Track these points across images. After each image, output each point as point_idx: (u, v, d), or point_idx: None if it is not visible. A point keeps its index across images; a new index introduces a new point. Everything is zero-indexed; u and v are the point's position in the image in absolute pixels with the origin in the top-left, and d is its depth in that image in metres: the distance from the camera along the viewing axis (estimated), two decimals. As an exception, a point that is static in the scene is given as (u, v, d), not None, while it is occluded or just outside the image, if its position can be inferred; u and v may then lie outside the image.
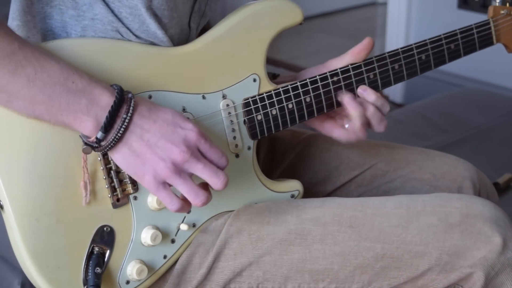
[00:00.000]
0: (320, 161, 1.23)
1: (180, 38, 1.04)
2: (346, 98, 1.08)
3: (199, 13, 1.07)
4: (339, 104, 1.10)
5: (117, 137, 0.89)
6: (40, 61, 0.87)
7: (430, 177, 1.19)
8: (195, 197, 0.91)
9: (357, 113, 1.07)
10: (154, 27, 0.98)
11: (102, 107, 0.89)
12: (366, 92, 1.09)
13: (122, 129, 0.89)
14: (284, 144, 1.25)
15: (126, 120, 0.89)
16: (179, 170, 0.90)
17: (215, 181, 0.91)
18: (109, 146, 0.90)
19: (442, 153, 1.23)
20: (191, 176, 0.92)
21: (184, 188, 0.91)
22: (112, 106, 0.88)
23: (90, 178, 0.94)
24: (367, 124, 1.09)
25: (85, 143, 0.91)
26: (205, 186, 0.93)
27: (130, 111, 0.89)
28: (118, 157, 0.91)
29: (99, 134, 0.89)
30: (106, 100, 0.89)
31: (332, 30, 4.07)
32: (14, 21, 1.00)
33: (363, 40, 1.11)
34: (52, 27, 0.98)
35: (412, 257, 0.98)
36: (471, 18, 2.81)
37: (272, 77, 1.14)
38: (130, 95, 0.91)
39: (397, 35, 3.09)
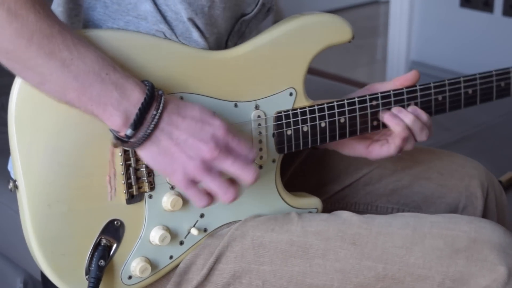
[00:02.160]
0: (328, 163, 1.22)
1: None
2: (386, 116, 1.07)
3: (239, 33, 1.05)
4: (373, 128, 1.07)
5: (146, 134, 0.88)
6: (77, 47, 0.87)
7: (437, 176, 1.18)
8: (224, 193, 0.91)
9: (399, 127, 1.06)
10: (196, 35, 0.98)
11: (133, 103, 0.88)
12: (401, 114, 1.07)
13: (152, 126, 0.88)
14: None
15: (156, 117, 0.88)
16: (208, 168, 0.90)
17: (245, 175, 0.91)
18: (138, 143, 0.89)
19: (450, 152, 1.22)
20: (220, 173, 0.91)
21: (214, 186, 0.91)
22: (142, 103, 0.88)
23: (115, 173, 0.94)
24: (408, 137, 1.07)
25: (116, 138, 0.90)
26: (233, 181, 0.93)
27: (160, 108, 0.89)
28: (147, 154, 0.90)
29: (129, 131, 0.88)
30: (137, 96, 0.88)
31: (334, 28, 4.06)
32: (58, 7, 0.99)
33: (409, 73, 1.09)
34: (94, 18, 0.97)
35: (414, 280, 0.95)
36: (473, 16, 2.83)
37: None
38: (160, 92, 0.90)
39: (399, 34, 3.09)
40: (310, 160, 1.23)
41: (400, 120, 1.07)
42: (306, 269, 0.98)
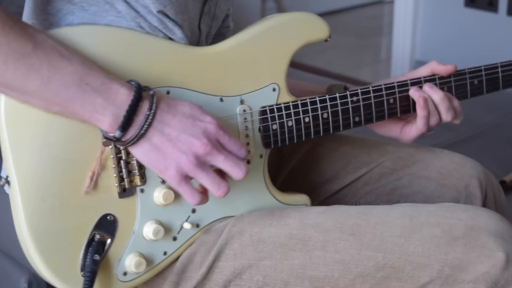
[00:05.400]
0: (327, 161, 1.22)
1: (191, 41, 1.03)
2: (411, 90, 1.12)
3: (210, 15, 1.07)
4: (355, 124, 1.10)
5: (140, 134, 0.89)
6: (53, 63, 0.87)
7: (437, 175, 1.18)
8: (217, 188, 0.92)
9: (422, 99, 1.10)
10: (171, 25, 0.99)
11: (119, 105, 0.88)
12: (432, 90, 1.12)
13: (145, 126, 0.89)
14: (292, 143, 1.25)
15: (150, 117, 0.89)
16: (201, 163, 0.91)
17: (236, 171, 0.92)
18: (131, 142, 0.90)
19: (449, 152, 1.22)
20: (212, 168, 0.92)
21: (207, 181, 0.91)
22: (129, 105, 0.88)
23: (99, 171, 0.94)
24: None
25: (105, 137, 0.91)
26: (222, 175, 0.94)
27: (153, 108, 0.89)
28: (139, 152, 0.91)
29: (117, 133, 0.88)
30: (123, 98, 0.89)
31: (338, 28, 4.06)
32: (29, 20, 1.00)
33: (449, 66, 1.14)
34: (74, 23, 0.97)
35: (414, 268, 0.96)
36: (478, 16, 2.82)
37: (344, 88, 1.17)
38: (151, 92, 0.91)
39: (403, 34, 3.08)
40: (308, 159, 1.23)
41: (423, 93, 1.12)
42: (306, 261, 0.98)
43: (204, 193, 0.94)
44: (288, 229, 1.00)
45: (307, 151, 1.24)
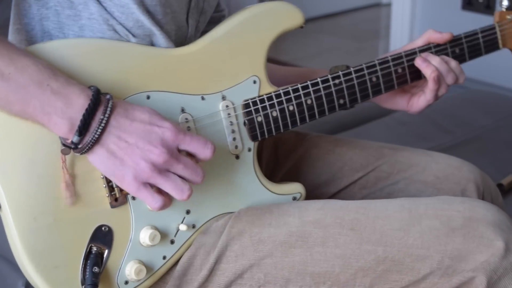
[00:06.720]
0: (323, 163, 1.22)
1: (178, 35, 1.03)
2: (417, 60, 1.15)
3: (197, 9, 1.07)
4: (340, 106, 1.10)
5: (94, 139, 0.88)
6: (15, 61, 0.87)
7: (433, 179, 1.18)
8: (181, 193, 0.91)
9: (429, 69, 1.13)
10: (148, 23, 0.98)
11: (77, 110, 0.88)
12: (429, 57, 1.15)
13: (99, 130, 0.88)
14: (288, 146, 1.25)
15: (103, 122, 0.88)
16: (159, 169, 0.90)
17: (194, 178, 0.92)
18: (86, 148, 0.89)
19: (446, 155, 1.22)
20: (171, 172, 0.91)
21: (169, 186, 0.90)
22: (86, 109, 0.88)
23: (71, 179, 0.93)
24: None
25: (63, 145, 0.90)
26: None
27: (108, 112, 0.89)
28: (96, 159, 0.90)
29: (75, 138, 0.88)
30: (81, 103, 0.88)
31: (336, 31, 4.07)
32: (14, 25, 1.00)
33: (444, 33, 1.17)
34: (48, 28, 0.98)
35: (414, 260, 0.97)
36: (475, 19, 2.83)
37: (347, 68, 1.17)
38: (108, 97, 0.90)
39: (401, 36, 3.09)
40: (304, 161, 1.23)
41: (429, 63, 1.14)
42: (307, 257, 0.99)
43: (166, 195, 0.92)
44: (287, 227, 1.00)
45: (302, 154, 1.24)
